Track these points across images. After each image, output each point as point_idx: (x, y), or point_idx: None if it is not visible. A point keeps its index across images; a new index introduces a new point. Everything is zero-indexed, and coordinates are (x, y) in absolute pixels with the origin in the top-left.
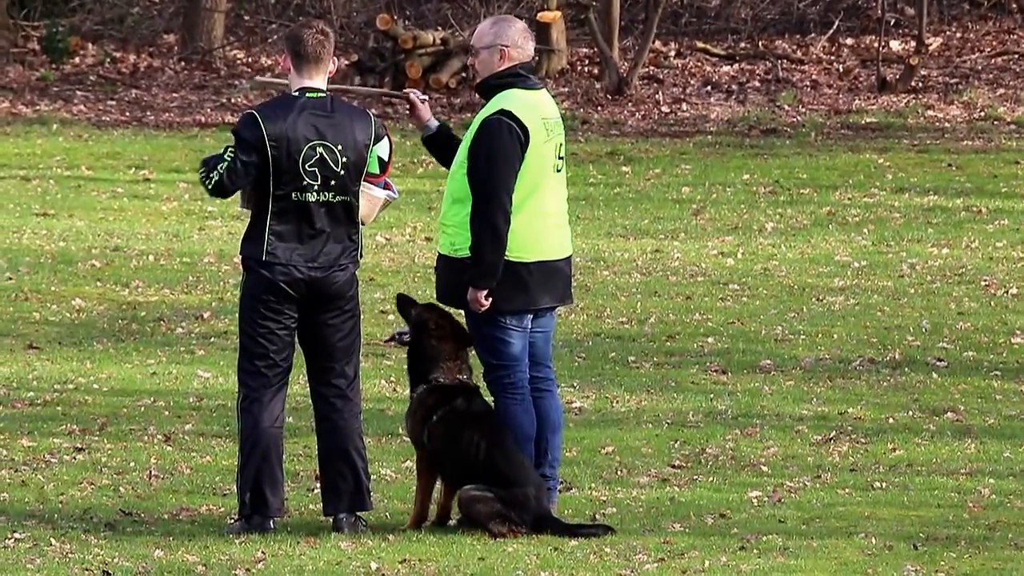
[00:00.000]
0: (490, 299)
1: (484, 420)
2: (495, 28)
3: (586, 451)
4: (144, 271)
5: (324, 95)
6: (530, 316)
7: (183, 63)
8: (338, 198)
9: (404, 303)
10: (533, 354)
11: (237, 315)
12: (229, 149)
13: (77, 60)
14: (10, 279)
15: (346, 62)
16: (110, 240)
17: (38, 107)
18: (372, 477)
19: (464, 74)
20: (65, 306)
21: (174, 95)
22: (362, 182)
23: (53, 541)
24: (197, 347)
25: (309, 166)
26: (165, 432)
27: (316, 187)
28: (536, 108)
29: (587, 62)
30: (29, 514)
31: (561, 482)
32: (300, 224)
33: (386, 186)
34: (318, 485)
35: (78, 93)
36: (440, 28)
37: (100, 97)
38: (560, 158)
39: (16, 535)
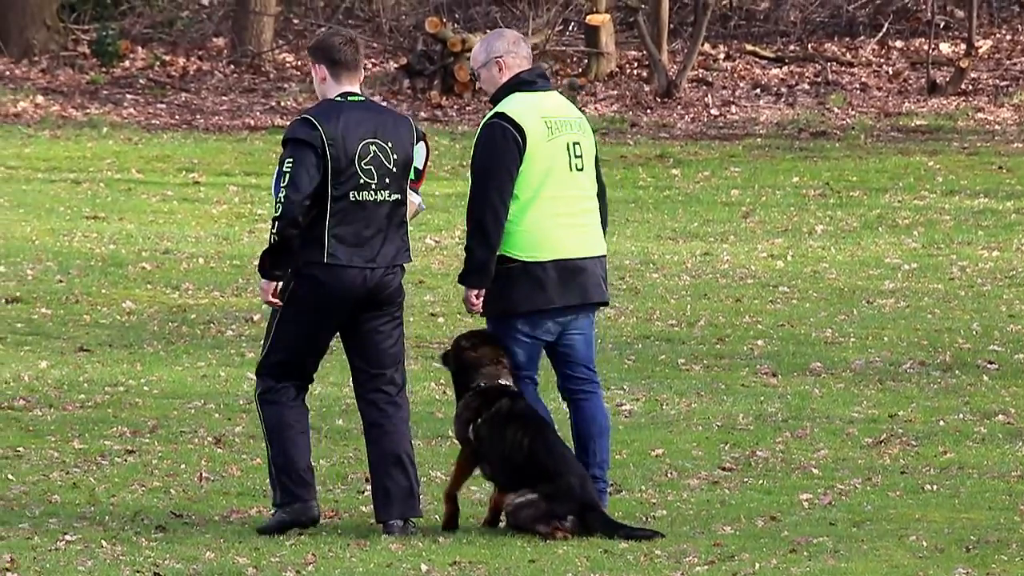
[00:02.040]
0: (481, 299)
1: (526, 419)
2: (485, 45)
3: (636, 454)
4: (194, 274)
5: (364, 98)
6: (549, 323)
7: (232, 66)
8: (393, 196)
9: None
10: (572, 357)
11: (273, 314)
12: (286, 162)
13: (127, 63)
14: (61, 282)
15: (395, 65)
16: (160, 243)
17: (88, 110)
18: (422, 480)
19: None
20: (115, 309)
21: (223, 98)
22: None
23: (104, 543)
24: (247, 349)
25: (365, 164)
26: (215, 434)
27: (374, 185)
28: (536, 107)
29: (636, 65)
30: (80, 516)
31: (611, 484)
32: (359, 225)
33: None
34: (368, 488)
35: (128, 96)
36: (489, 31)
37: (150, 100)
38: (578, 156)
39: (68, 537)
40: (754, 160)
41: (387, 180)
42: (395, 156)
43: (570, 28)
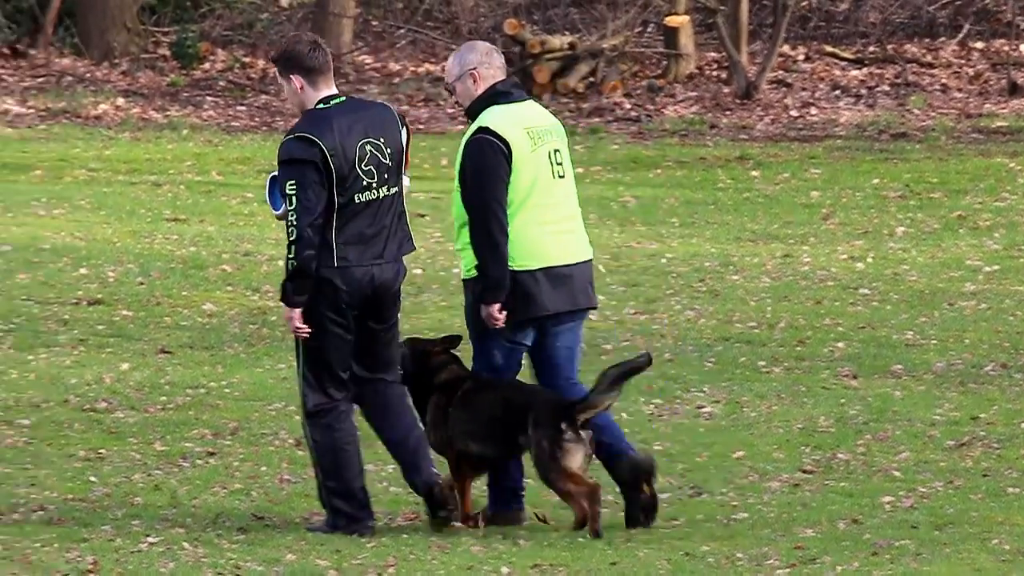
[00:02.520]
0: (504, 312)
1: (492, 383)
2: (458, 58)
3: (716, 456)
4: (275, 276)
5: (345, 97)
6: (532, 331)
7: None
8: (392, 190)
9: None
10: (554, 370)
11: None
12: (288, 184)
13: (207, 66)
14: (142, 284)
15: None
16: (240, 245)
17: (168, 112)
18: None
19: (592, 78)
20: (196, 311)
21: None
22: None
23: (186, 544)
24: None
25: (365, 165)
26: (296, 437)
27: (375, 184)
28: (517, 119)
29: (715, 66)
30: (162, 518)
31: (692, 487)
32: (364, 224)
33: None
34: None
35: (208, 98)
36: (568, 32)
37: (229, 102)
38: (559, 163)
39: (150, 538)
40: (834, 162)
41: (386, 176)
42: (388, 150)
43: (649, 30)
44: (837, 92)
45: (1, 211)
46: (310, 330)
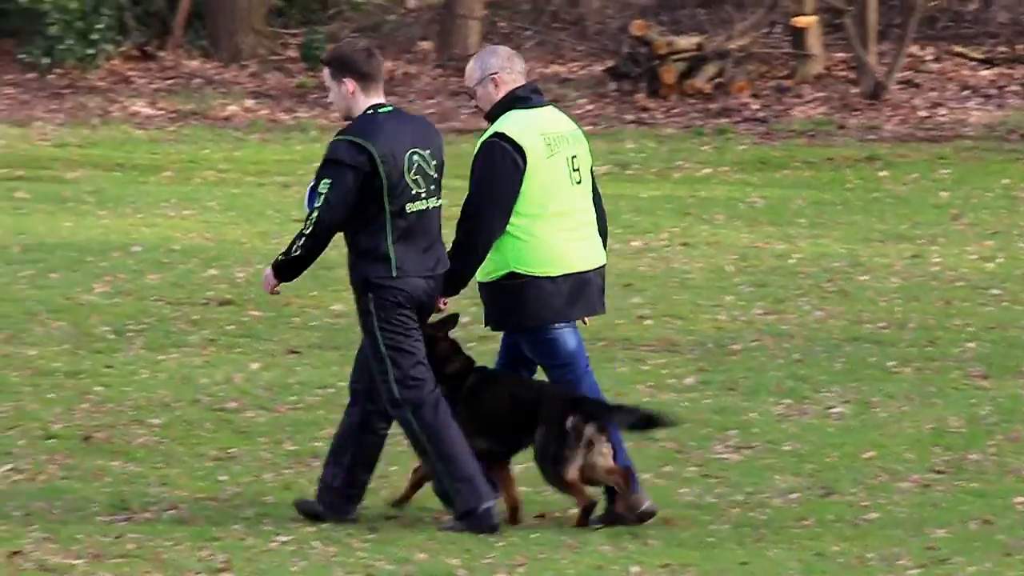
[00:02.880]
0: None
1: (498, 376)
2: (479, 62)
3: (846, 456)
4: None
5: (392, 108)
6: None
7: (439, 70)
8: (437, 202)
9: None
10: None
11: (372, 341)
12: (323, 182)
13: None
14: None
15: (600, 68)
16: None
17: (296, 114)
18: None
19: (719, 79)
20: (324, 311)
21: (430, 101)
22: None
23: (316, 543)
24: None
25: (413, 175)
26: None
27: (424, 194)
28: (535, 125)
29: (843, 67)
30: (293, 517)
31: (822, 487)
32: (417, 235)
33: None
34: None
35: None
36: (695, 33)
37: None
38: (576, 169)
39: (280, 537)
40: (963, 162)
41: (432, 187)
42: (434, 161)
43: (776, 30)
44: (966, 92)
45: (132, 212)
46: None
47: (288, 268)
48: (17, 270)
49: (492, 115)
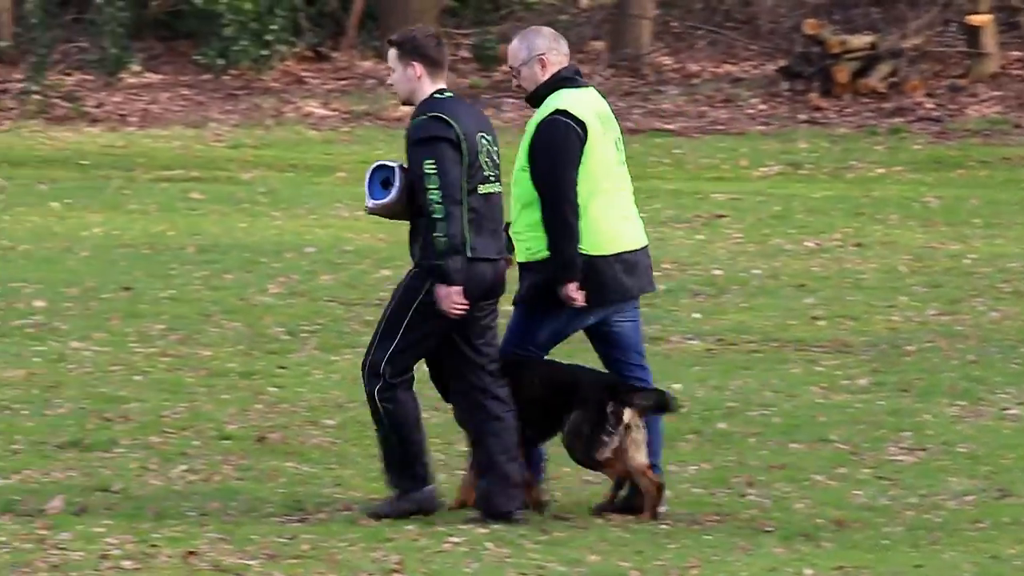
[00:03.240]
0: (582, 291)
1: (524, 361)
2: (526, 42)
3: (1022, 459)
4: None
5: (454, 94)
6: (593, 316)
7: (611, 69)
8: (499, 188)
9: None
10: (622, 342)
11: (398, 313)
12: (427, 164)
13: (506, 68)
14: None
15: (773, 67)
16: None
17: None
18: (806, 484)
19: (893, 78)
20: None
21: None
22: None
23: (489, 544)
24: None
25: (483, 157)
26: None
27: (492, 177)
28: (588, 104)
29: (1019, 65)
30: (466, 518)
31: (998, 489)
32: (486, 218)
33: None
34: (752, 491)
35: (507, 100)
36: (868, 32)
37: (528, 104)
38: (620, 150)
39: (453, 538)
40: None
41: (497, 171)
42: (495, 148)
43: (951, 29)
44: None
45: (305, 213)
46: (463, 310)
47: (451, 260)
48: (192, 271)
49: (537, 95)
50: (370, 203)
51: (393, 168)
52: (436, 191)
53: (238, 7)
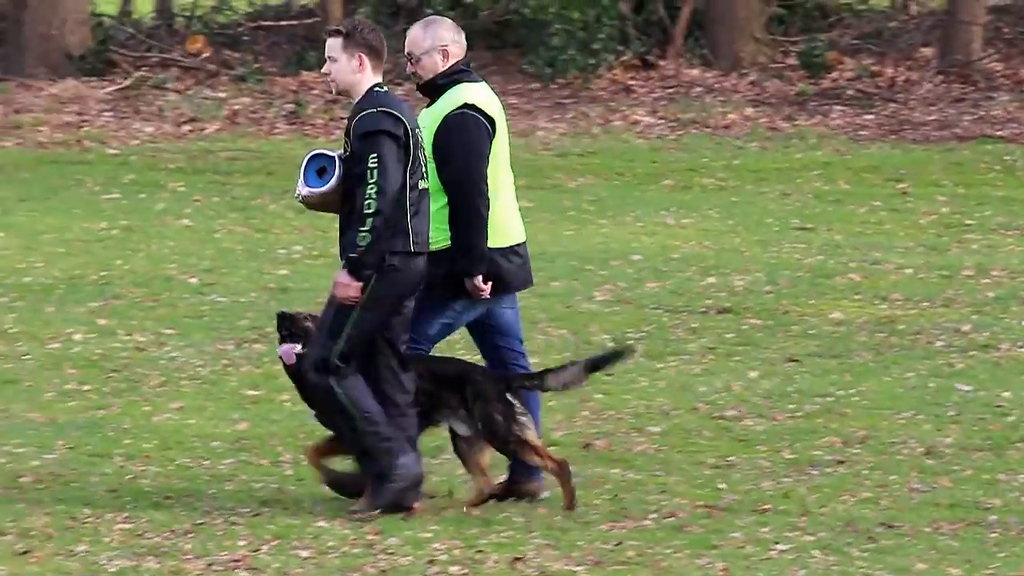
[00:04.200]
0: (490, 283)
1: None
2: (430, 31)
3: None
4: (902, 285)
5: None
6: (477, 309)
7: (941, 75)
8: (429, 183)
9: (289, 320)
10: (505, 330)
11: (343, 309)
12: (371, 158)
13: (835, 75)
14: (769, 293)
15: None
16: (868, 254)
17: (796, 122)
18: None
19: None
20: (823, 319)
21: (931, 108)
22: None
23: (816, 552)
24: (956, 360)
25: (420, 152)
26: (926, 446)
27: (425, 172)
28: (491, 99)
29: None
30: (791, 526)
31: None
32: (422, 212)
33: None
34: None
35: (835, 107)
36: None
37: (857, 111)
38: (507, 145)
39: (779, 546)
40: None
41: (427, 167)
42: (423, 143)
43: None
44: None
45: (632, 221)
46: (359, 306)
47: (369, 257)
48: None
49: (434, 86)
50: (304, 191)
51: (332, 157)
52: (373, 185)
53: (566, 16)
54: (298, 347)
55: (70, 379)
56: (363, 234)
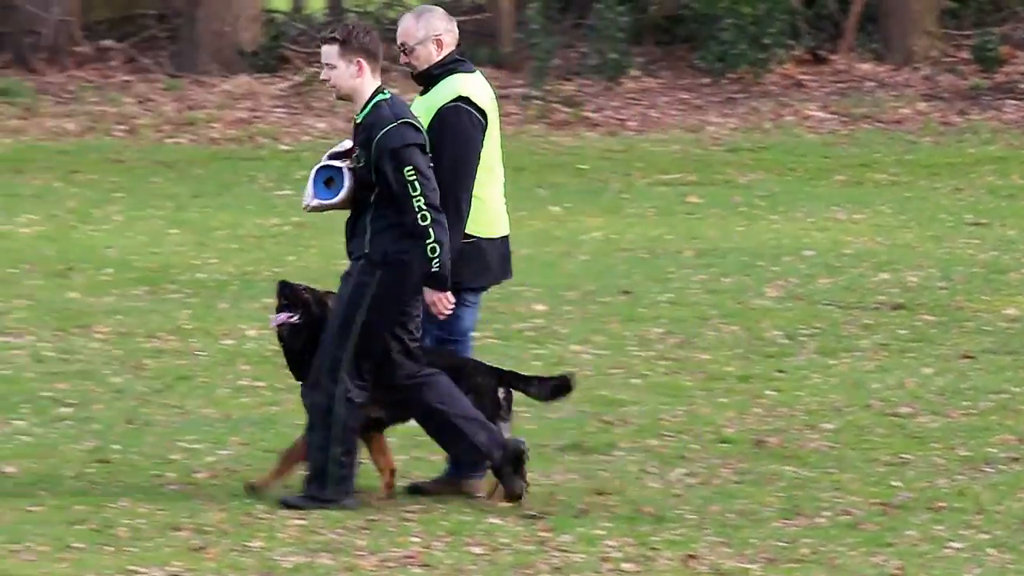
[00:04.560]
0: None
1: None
2: (423, 21)
3: None
4: None
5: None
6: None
7: None
8: None
9: (289, 289)
10: (459, 325)
11: (349, 314)
12: (408, 171)
13: (1009, 68)
14: (943, 289)
15: None
16: None
17: (969, 116)
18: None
19: None
20: (998, 316)
21: None
22: None
23: (992, 551)
24: None
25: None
26: None
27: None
28: (484, 89)
29: None
30: (966, 523)
31: None
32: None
33: None
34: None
35: (1008, 102)
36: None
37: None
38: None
39: (954, 544)
40: None
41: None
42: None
43: None
44: None
45: (803, 216)
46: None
47: (442, 276)
48: (690, 274)
49: (429, 76)
50: (313, 201)
51: (340, 169)
52: (420, 198)
53: (737, 11)
54: (294, 317)
55: (244, 375)
56: (431, 245)
